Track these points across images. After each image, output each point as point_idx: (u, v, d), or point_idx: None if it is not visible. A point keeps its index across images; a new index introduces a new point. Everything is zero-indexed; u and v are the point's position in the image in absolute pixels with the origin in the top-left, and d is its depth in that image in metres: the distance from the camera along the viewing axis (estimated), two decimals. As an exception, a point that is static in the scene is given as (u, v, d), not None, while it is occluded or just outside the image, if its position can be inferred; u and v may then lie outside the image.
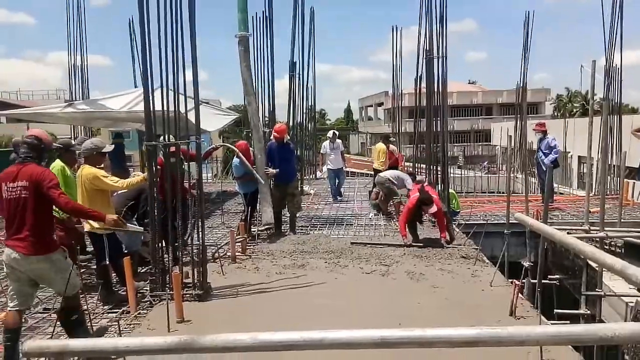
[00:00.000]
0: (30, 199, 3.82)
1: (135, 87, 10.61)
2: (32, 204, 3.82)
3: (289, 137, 9.13)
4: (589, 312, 5.16)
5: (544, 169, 10.25)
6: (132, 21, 11.86)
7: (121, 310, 5.06)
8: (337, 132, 12.73)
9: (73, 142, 6.26)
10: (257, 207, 8.50)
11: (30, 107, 12.93)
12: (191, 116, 5.53)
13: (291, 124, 13.95)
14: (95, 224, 5.04)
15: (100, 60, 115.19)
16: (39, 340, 1.89)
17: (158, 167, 5.41)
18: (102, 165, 5.34)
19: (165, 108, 5.31)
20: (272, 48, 11.11)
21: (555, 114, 51.57)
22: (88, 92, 13.27)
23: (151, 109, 5.33)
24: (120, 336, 4.39)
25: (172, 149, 5.44)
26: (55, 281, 4.02)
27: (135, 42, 11.86)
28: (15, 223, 3.86)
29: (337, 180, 12.39)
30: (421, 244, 7.60)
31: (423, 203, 7.52)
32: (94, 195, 5.11)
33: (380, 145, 12.12)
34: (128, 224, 5.01)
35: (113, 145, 6.15)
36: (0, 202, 3.95)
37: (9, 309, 3.95)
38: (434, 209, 7.47)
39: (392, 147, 12.38)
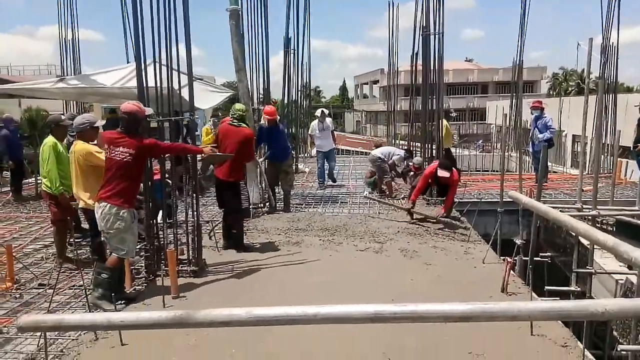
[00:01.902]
0: (132, 163, 4.47)
1: (128, 62, 10.44)
2: (130, 167, 4.47)
3: (278, 117, 9.03)
4: (579, 289, 5.22)
5: (538, 149, 10.25)
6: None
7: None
8: (326, 111, 11.77)
9: (63, 117, 6.18)
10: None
11: (22, 82, 12.74)
12: (185, 93, 5.47)
13: (286, 101, 13.82)
14: (90, 201, 5.02)
15: (92, 35, 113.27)
16: (34, 315, 1.90)
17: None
18: (95, 141, 5.30)
19: (158, 84, 5.25)
20: (267, 23, 10.93)
21: (551, 92, 51.46)
22: (80, 68, 13.06)
23: (144, 84, 5.26)
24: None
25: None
26: (113, 235, 4.50)
27: (128, 16, 11.62)
28: (110, 180, 4.49)
29: (326, 164, 11.31)
30: (422, 216, 7.68)
31: (440, 166, 7.54)
32: (88, 171, 5.08)
33: (443, 121, 11.54)
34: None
35: (104, 120, 6.10)
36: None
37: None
38: (446, 174, 7.53)
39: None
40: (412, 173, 9.73)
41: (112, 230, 4.47)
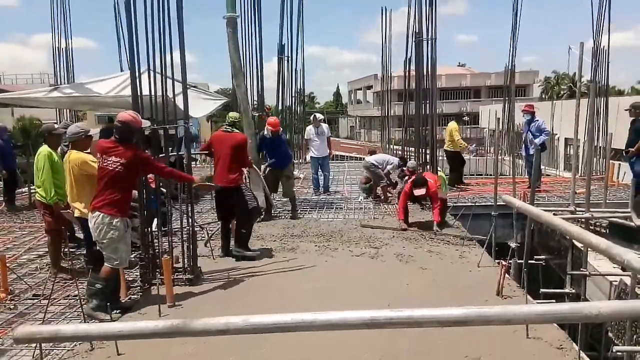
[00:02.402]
0: (124, 173, 4.44)
1: (122, 70, 10.46)
2: (122, 177, 4.45)
3: (281, 129, 9.04)
4: (573, 291, 5.25)
5: (531, 152, 10.31)
6: (117, 2, 11.62)
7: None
8: (320, 115, 11.52)
9: (56, 126, 6.17)
10: None
11: (15, 92, 12.70)
12: (179, 101, 5.47)
13: (280, 107, 13.85)
14: (84, 210, 5.00)
15: (86, 43, 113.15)
16: (30, 326, 1.89)
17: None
18: (89, 150, 5.29)
19: (152, 92, 5.25)
20: (261, 30, 10.93)
21: (543, 96, 51.83)
22: (73, 76, 13.05)
23: (138, 93, 5.27)
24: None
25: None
26: (107, 245, 4.47)
27: (121, 23, 11.63)
28: (103, 190, 4.47)
29: (320, 171, 11.16)
30: (414, 228, 7.68)
31: (415, 185, 7.58)
32: (83, 180, 5.07)
33: (452, 124, 11.49)
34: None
35: (98, 130, 6.09)
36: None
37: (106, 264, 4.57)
38: (422, 191, 7.54)
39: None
40: (406, 177, 9.78)
41: (106, 240, 4.45)
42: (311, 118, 11.47)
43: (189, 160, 5.67)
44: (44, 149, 5.56)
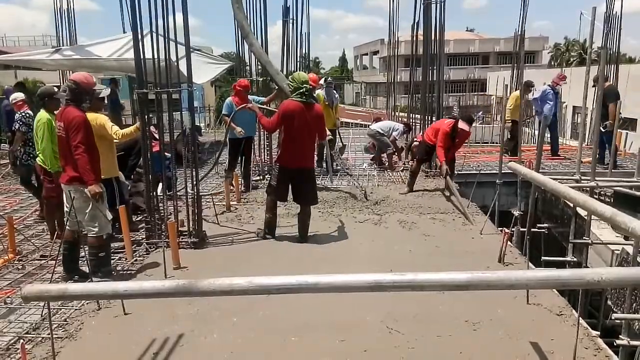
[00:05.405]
0: (66, 138, 4.28)
1: (124, 32, 10.29)
2: (67, 142, 4.28)
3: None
4: (575, 259, 5.29)
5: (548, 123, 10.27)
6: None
7: (117, 257, 5.13)
8: (332, 81, 11.16)
9: (55, 90, 6.01)
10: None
11: (17, 53, 12.59)
12: (182, 65, 5.39)
13: (285, 72, 13.67)
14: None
15: (88, 5, 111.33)
16: (38, 285, 1.92)
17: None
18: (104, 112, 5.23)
19: (155, 56, 5.18)
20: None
21: (553, 63, 50.92)
22: (76, 38, 12.86)
23: (141, 56, 5.20)
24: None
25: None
26: (84, 216, 4.39)
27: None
28: (63, 161, 4.45)
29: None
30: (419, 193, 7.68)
31: (467, 121, 7.40)
32: (98, 142, 5.02)
33: (515, 93, 11.01)
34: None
35: (109, 90, 5.96)
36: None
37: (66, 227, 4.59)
38: (467, 127, 7.39)
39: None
40: (417, 142, 9.72)
41: (82, 213, 4.34)
42: (321, 82, 11.20)
43: (193, 124, 5.61)
44: (43, 115, 5.26)
